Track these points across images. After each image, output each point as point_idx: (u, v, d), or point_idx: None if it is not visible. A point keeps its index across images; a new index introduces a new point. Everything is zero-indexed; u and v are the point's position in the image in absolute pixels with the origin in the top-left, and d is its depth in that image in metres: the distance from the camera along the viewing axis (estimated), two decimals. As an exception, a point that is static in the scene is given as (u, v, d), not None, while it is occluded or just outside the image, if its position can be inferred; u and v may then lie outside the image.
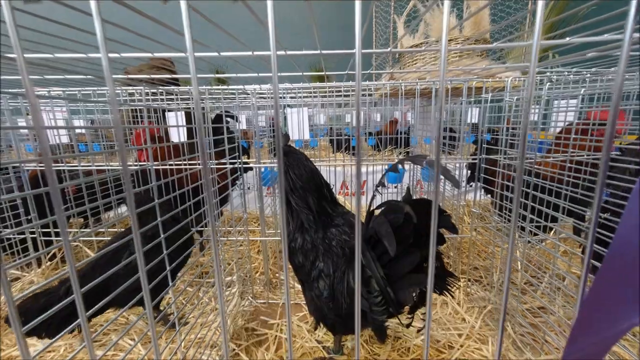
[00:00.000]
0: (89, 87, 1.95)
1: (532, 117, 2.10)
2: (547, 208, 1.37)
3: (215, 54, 0.83)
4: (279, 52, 0.91)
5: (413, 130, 3.55)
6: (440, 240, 0.94)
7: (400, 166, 0.84)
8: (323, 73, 1.20)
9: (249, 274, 2.03)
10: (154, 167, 0.98)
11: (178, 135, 1.99)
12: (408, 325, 1.06)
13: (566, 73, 1.60)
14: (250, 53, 0.83)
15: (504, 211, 1.69)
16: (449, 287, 0.97)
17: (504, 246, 1.80)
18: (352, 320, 1.16)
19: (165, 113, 2.52)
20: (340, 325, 1.17)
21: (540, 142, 1.88)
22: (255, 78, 1.67)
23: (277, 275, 2.14)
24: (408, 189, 1.02)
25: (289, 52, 0.87)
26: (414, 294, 0.91)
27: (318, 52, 0.84)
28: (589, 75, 1.61)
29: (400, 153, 3.86)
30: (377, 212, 0.98)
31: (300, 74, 1.26)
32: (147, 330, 1.23)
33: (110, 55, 0.88)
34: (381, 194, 0.98)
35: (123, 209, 2.93)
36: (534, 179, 1.34)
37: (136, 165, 1.42)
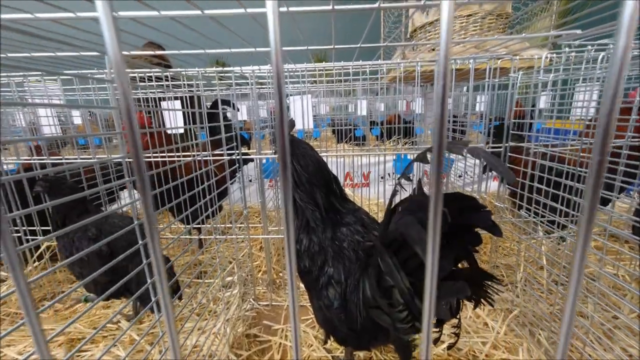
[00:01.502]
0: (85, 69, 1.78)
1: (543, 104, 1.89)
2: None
3: (198, 12, 0.65)
4: (281, 9, 0.74)
5: (420, 119, 3.35)
6: (477, 239, 0.78)
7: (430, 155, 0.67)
8: (332, 47, 1.02)
9: (250, 273, 1.88)
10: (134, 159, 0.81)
11: (174, 124, 1.83)
12: (436, 341, 0.90)
13: (589, 47, 1.37)
14: (242, 10, 0.65)
15: (532, 204, 1.52)
16: (488, 293, 0.80)
17: (531, 241, 1.63)
18: (368, 335, 1.01)
19: (160, 102, 2.35)
20: (353, 339, 1.01)
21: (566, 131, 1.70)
22: (254, 58, 1.50)
23: (280, 274, 1.99)
24: (420, 181, 0.84)
25: (291, 9, 0.69)
26: (449, 306, 0.76)
27: (329, 7, 0.66)
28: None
29: (405, 143, 3.69)
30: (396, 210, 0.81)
31: (305, 48, 1.08)
32: (138, 341, 1.08)
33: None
34: (404, 190, 0.81)
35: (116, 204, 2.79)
36: (579, 169, 1.16)
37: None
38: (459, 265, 0.85)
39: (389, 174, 3.37)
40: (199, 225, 1.62)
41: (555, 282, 1.64)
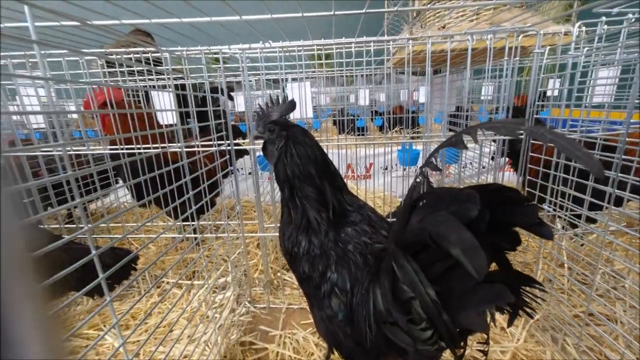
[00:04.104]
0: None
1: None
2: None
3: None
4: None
5: (425, 108, 3.19)
6: (515, 240, 0.63)
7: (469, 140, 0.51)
8: (332, 13, 0.86)
9: (246, 273, 1.74)
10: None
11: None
12: (460, 357, 0.76)
13: (629, 15, 1.16)
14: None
15: (556, 196, 1.37)
16: (526, 301, 0.66)
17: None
18: (378, 351, 0.87)
19: (150, 93, 2.19)
20: (361, 354, 0.87)
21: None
22: (244, 38, 1.33)
23: (279, 274, 1.85)
24: (426, 174, 0.68)
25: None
26: (486, 316, 0.62)
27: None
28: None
29: (408, 133, 3.53)
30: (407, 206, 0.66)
31: (300, 15, 0.92)
32: (118, 346, 0.94)
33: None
34: (427, 180, 0.66)
35: (111, 197, 2.65)
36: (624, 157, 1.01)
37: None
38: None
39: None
40: (188, 223, 1.46)
41: (579, 281, 1.51)
